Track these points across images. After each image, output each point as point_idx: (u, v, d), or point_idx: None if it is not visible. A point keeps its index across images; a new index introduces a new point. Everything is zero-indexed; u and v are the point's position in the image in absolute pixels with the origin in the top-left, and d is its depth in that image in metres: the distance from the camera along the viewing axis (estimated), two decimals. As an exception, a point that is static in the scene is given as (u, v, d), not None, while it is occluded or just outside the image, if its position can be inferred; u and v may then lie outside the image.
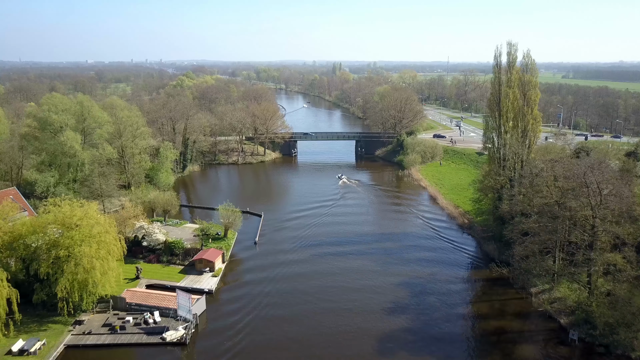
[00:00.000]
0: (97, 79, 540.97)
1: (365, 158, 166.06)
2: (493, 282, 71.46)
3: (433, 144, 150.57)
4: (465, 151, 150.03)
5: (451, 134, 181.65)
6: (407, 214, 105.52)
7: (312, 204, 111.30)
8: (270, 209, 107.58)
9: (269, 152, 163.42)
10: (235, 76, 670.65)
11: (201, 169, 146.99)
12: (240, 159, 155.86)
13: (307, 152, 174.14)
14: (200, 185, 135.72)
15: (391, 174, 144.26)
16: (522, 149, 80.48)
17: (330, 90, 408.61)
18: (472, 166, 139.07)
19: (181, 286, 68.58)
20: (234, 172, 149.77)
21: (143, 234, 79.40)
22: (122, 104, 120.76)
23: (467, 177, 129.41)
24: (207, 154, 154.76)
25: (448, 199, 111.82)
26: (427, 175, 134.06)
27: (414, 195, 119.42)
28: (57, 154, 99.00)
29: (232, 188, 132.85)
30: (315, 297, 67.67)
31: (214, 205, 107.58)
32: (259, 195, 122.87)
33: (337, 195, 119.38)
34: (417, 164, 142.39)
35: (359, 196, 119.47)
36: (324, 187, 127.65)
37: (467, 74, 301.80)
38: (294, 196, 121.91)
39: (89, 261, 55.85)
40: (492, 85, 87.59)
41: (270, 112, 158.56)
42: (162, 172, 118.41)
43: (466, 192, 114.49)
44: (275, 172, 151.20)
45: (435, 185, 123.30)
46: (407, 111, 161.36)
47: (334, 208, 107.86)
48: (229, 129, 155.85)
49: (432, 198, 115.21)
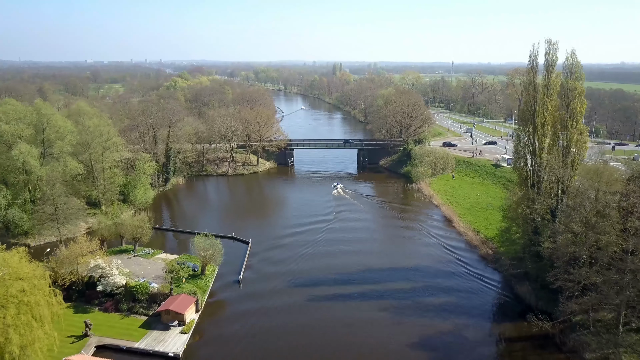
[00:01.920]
0: (92, 79, 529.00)
1: (368, 168, 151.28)
2: (534, 342, 56.84)
3: (444, 154, 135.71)
4: (479, 162, 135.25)
5: (461, 141, 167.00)
6: (419, 240, 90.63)
7: (309, 225, 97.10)
8: (260, 231, 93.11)
9: (263, 162, 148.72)
10: (234, 77, 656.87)
11: (186, 181, 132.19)
12: (230, 169, 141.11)
13: (304, 161, 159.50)
14: (184, 200, 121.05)
15: (398, 188, 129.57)
16: (565, 171, 65.79)
17: (330, 91, 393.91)
18: (488, 180, 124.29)
19: (140, 349, 53.99)
20: (223, 185, 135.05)
21: (100, 275, 64.77)
22: (91, 111, 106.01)
23: (483, 193, 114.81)
24: (194, 164, 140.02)
25: (465, 221, 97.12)
26: (438, 191, 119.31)
27: (425, 216, 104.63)
28: (9, 170, 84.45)
29: (219, 204, 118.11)
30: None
31: (197, 227, 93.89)
32: (249, 213, 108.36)
33: (336, 212, 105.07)
34: (426, 177, 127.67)
35: (362, 215, 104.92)
36: (322, 202, 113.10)
37: (473, 76, 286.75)
38: (289, 214, 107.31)
39: (1, 333, 41.20)
40: (525, 92, 72.80)
41: (264, 117, 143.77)
42: (138, 188, 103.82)
43: (485, 214, 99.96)
44: (269, 184, 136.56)
45: (449, 203, 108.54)
46: (414, 117, 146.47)
47: (335, 233, 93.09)
48: (218, 137, 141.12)
49: (446, 219, 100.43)
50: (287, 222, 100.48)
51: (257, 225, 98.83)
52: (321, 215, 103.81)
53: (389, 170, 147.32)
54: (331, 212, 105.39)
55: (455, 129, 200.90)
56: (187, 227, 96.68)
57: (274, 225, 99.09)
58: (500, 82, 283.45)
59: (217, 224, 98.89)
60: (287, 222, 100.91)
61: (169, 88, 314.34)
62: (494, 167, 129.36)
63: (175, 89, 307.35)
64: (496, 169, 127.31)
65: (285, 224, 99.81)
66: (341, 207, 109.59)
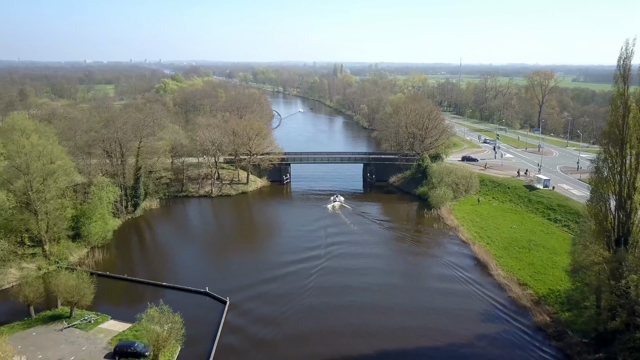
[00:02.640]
0: (85, 80, 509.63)
1: (376, 186, 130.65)
2: None
3: (467, 173, 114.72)
4: (508, 183, 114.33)
5: (482, 154, 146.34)
6: (448, 297, 69.26)
7: (306, 263, 76.93)
8: (244, 279, 72.57)
9: (254, 179, 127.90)
10: (232, 77, 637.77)
11: (162, 205, 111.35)
12: (215, 189, 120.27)
13: (302, 177, 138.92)
14: (155, 232, 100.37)
15: (413, 213, 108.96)
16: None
17: (331, 94, 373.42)
18: (522, 206, 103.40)
19: None
20: (205, 209, 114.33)
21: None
22: (30, 126, 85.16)
23: (520, 224, 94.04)
24: (173, 183, 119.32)
25: (505, 266, 76.35)
26: (464, 219, 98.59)
27: (451, 255, 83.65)
28: None
29: (197, 236, 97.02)
30: None
31: (165, 271, 75.31)
32: (232, 248, 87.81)
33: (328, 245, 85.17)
34: (448, 201, 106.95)
35: (366, 250, 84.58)
36: (319, 229, 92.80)
37: (486, 77, 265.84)
38: (281, 247, 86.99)
39: None
40: (612, 105, 51.98)
41: (255, 129, 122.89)
42: (94, 220, 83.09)
43: (528, 256, 79.24)
44: (260, 207, 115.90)
45: (480, 239, 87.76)
46: (430, 129, 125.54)
47: (328, 276, 72.39)
48: (200, 151, 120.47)
49: (479, 262, 79.54)
50: (277, 260, 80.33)
51: (242, 265, 78.32)
52: (319, 248, 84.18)
53: (400, 189, 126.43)
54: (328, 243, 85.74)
55: (472, 138, 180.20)
56: (152, 272, 76.20)
57: (265, 266, 78.13)
58: (516, 85, 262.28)
59: (191, 267, 78.84)
60: (278, 259, 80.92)
61: (158, 91, 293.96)
62: (528, 189, 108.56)
63: (166, 91, 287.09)
64: (530, 192, 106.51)
65: (274, 261, 79.61)
66: (339, 237, 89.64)
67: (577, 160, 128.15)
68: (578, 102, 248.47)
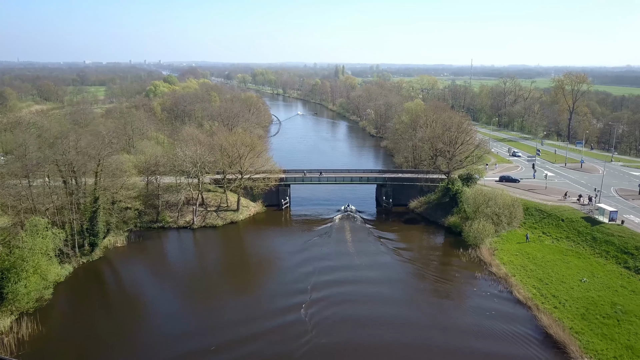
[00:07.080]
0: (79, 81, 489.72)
1: (392, 212, 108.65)
2: None
3: (509, 200, 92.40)
4: (560, 212, 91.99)
5: (516, 171, 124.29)
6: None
7: (297, 312, 54.48)
8: (229, 333, 50.58)
9: (246, 204, 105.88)
10: (231, 79, 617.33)
11: (130, 241, 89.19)
12: (197, 219, 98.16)
13: (304, 199, 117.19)
14: (120, 277, 78.37)
15: (444, 254, 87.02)
16: None
17: (333, 97, 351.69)
18: (585, 247, 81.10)
19: None
20: (185, 246, 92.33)
21: None
22: None
23: (590, 274, 71.71)
24: (146, 210, 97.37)
25: (590, 349, 54.35)
26: (513, 266, 76.34)
27: (501, 321, 61.24)
28: None
29: (167, 293, 74.25)
30: None
31: (133, 336, 52.76)
32: (216, 306, 65.42)
33: (350, 304, 62.42)
34: (488, 238, 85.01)
35: (390, 310, 62.42)
36: (320, 269, 70.61)
37: (504, 79, 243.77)
38: (278, 290, 64.42)
39: None
40: None
41: (248, 145, 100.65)
42: (23, 277, 61.16)
43: (618, 329, 57.17)
44: (252, 242, 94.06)
45: (543, 299, 65.58)
46: (460, 144, 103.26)
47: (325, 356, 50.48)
48: (179, 172, 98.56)
49: (550, 340, 57.40)
50: (269, 307, 57.73)
51: (233, 315, 56.13)
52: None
53: (423, 217, 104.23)
54: (327, 294, 62.89)
55: (498, 150, 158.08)
56: (108, 345, 54.34)
57: (251, 314, 56.08)
58: (537, 88, 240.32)
59: (164, 329, 57.18)
60: (271, 305, 58.17)
61: (148, 94, 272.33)
62: (588, 222, 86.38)
63: (155, 94, 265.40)
64: (593, 228, 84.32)
65: (266, 310, 57.06)
66: (345, 286, 67.04)
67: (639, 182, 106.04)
68: (605, 107, 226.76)
